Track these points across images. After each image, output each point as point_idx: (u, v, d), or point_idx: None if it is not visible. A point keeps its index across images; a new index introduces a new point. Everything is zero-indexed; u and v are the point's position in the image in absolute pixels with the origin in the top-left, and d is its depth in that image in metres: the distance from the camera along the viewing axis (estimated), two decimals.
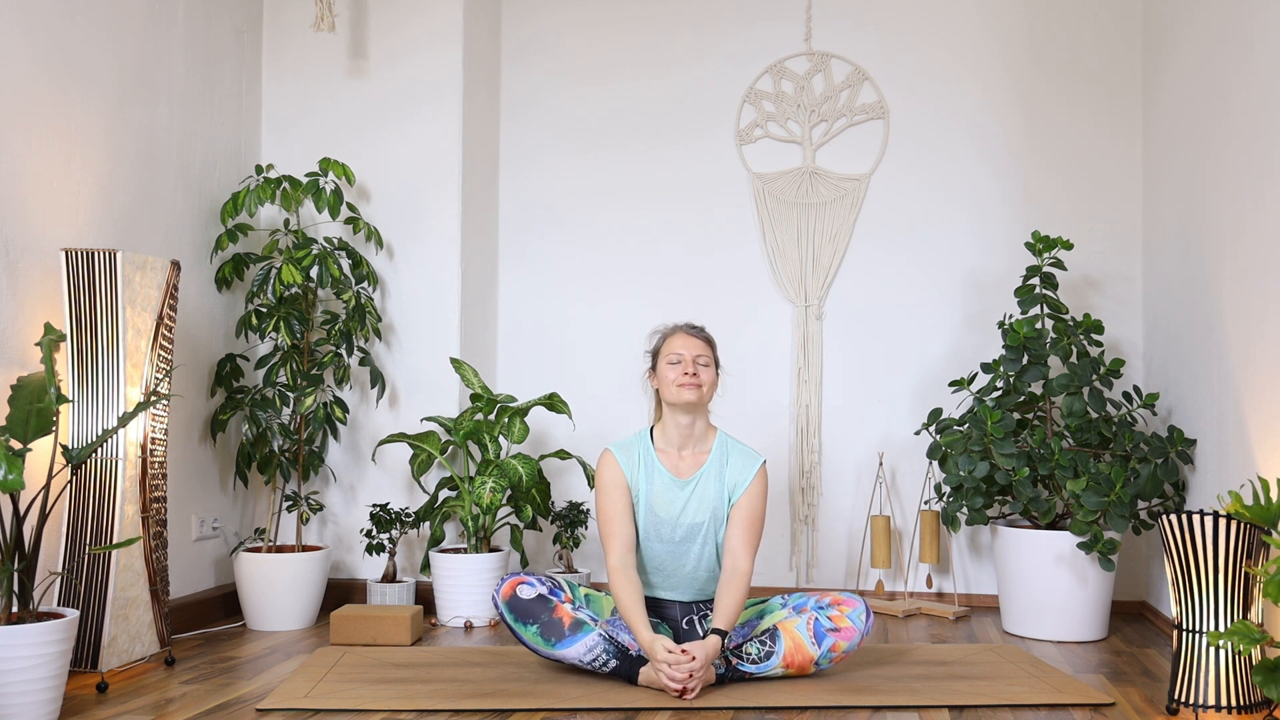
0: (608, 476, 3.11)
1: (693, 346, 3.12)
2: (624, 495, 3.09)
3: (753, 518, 3.08)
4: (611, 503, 3.08)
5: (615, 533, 3.05)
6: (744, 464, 3.13)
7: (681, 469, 3.13)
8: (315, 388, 3.89)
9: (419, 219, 4.23)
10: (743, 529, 3.07)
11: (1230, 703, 2.68)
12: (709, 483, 3.11)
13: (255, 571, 3.76)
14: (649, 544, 3.11)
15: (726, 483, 3.11)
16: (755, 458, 3.15)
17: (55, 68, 3.19)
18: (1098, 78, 4.30)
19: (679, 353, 3.11)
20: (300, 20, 4.30)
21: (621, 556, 3.02)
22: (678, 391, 3.08)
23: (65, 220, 3.21)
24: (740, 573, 3.01)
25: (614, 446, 3.16)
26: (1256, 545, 2.70)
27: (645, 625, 2.91)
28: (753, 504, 3.09)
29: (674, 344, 3.14)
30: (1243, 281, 3.14)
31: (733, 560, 3.04)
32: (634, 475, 3.12)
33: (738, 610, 2.97)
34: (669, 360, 3.12)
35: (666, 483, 3.11)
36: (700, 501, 3.10)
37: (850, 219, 4.40)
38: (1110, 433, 3.76)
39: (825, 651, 3.00)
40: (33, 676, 2.54)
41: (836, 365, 4.40)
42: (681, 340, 3.14)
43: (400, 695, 2.85)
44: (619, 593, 2.96)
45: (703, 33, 4.52)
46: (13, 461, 2.52)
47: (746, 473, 3.12)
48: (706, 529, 3.09)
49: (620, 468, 3.11)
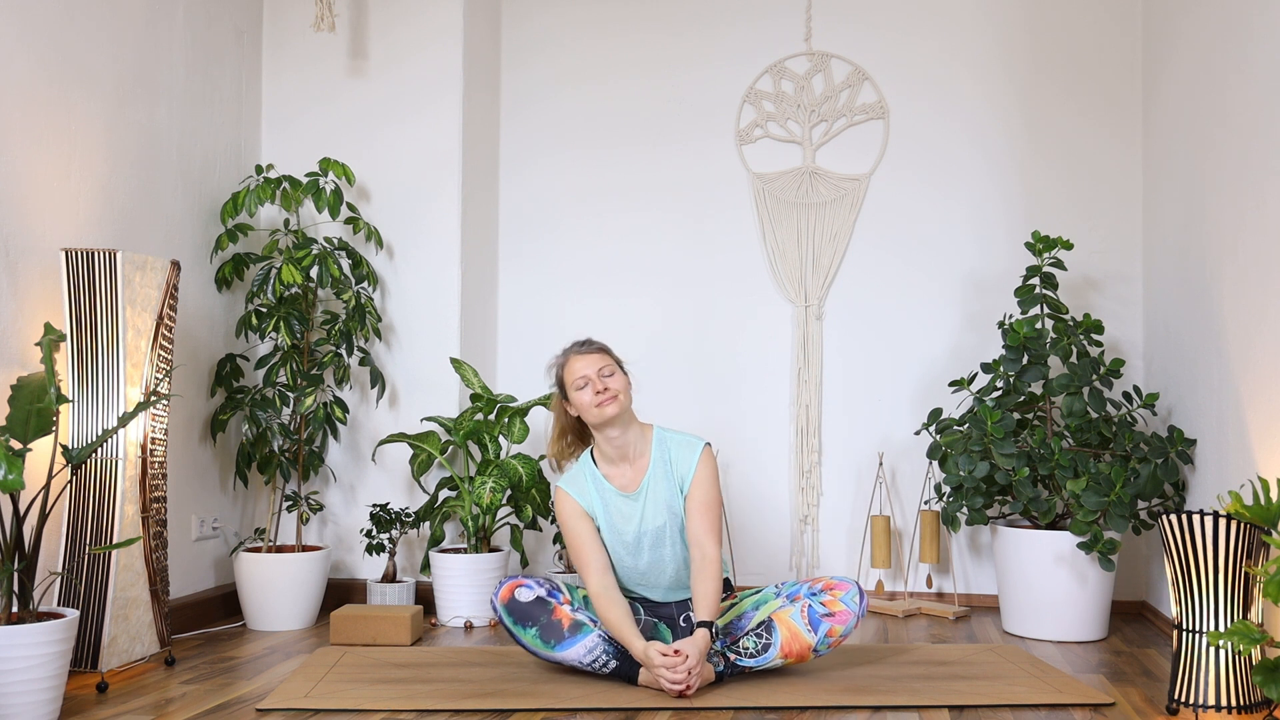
0: (566, 510, 3.12)
1: (592, 362, 3.09)
2: (587, 523, 3.10)
3: (707, 502, 3.08)
4: (577, 533, 3.09)
5: (588, 560, 3.06)
6: (685, 453, 3.12)
7: (628, 483, 3.13)
8: (315, 388, 3.89)
9: (419, 219, 4.23)
10: (700, 516, 3.06)
11: (1230, 703, 2.68)
12: (658, 485, 3.10)
13: (255, 571, 3.76)
14: (622, 562, 3.12)
15: (674, 477, 3.11)
16: (695, 443, 3.14)
17: (55, 68, 3.19)
18: (1098, 78, 4.30)
19: (583, 374, 3.08)
20: (300, 20, 4.30)
21: (599, 580, 3.02)
22: (599, 411, 3.05)
23: (65, 220, 3.21)
24: (709, 559, 3.01)
25: (562, 482, 3.16)
26: (1256, 545, 2.70)
27: (636, 637, 2.91)
28: (703, 489, 3.08)
29: (574, 368, 3.10)
30: (1243, 281, 3.14)
31: (699, 549, 3.03)
32: (589, 502, 3.12)
33: (716, 596, 2.96)
34: (576, 386, 3.08)
35: (619, 500, 3.12)
36: (654, 505, 3.09)
37: (850, 219, 4.40)
38: (1110, 433, 3.76)
39: (822, 637, 3.01)
40: (33, 676, 2.54)
41: (836, 365, 4.40)
42: (579, 361, 3.10)
43: (400, 695, 2.85)
44: (605, 615, 2.97)
45: (703, 32, 4.52)
46: (13, 461, 2.52)
47: (690, 461, 3.11)
48: (669, 529, 3.09)
49: (574, 499, 3.12)
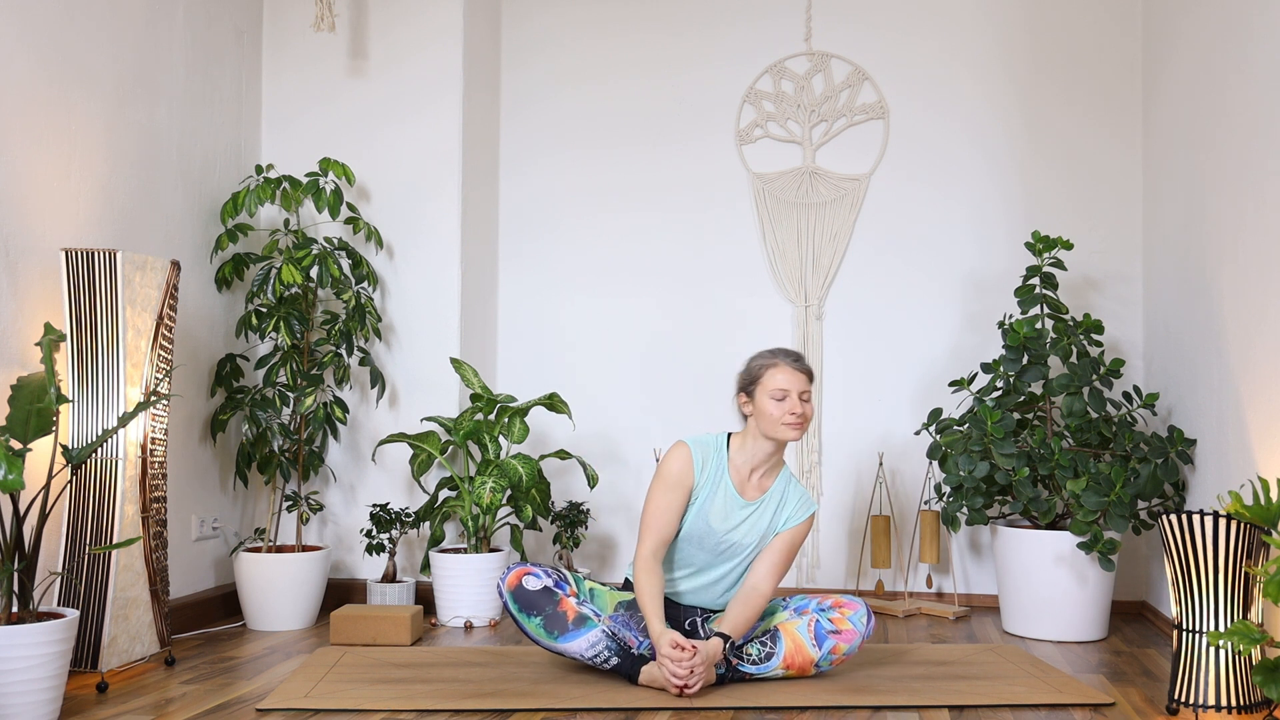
0: (675, 469, 3.04)
1: (798, 382, 3.02)
2: (683, 494, 3.04)
3: (789, 551, 3.07)
4: (667, 496, 3.03)
5: (657, 527, 3.01)
6: (799, 508, 3.10)
7: (747, 490, 3.10)
8: (315, 388, 3.89)
9: (419, 219, 4.23)
10: (775, 556, 3.05)
11: (1230, 703, 2.68)
12: (766, 511, 3.09)
13: (255, 571, 3.76)
14: (687, 546, 3.08)
15: (778, 518, 3.09)
16: (810, 504, 3.13)
17: (55, 68, 3.19)
18: (1098, 78, 4.30)
19: (784, 388, 3.00)
20: (300, 20, 4.30)
21: (654, 549, 3.00)
22: (784, 430, 3.00)
23: (65, 220, 3.21)
24: (760, 593, 3.01)
25: (691, 441, 3.08)
26: (1256, 545, 2.70)
27: (660, 617, 2.91)
28: (794, 539, 3.08)
29: (778, 378, 3.01)
30: (1243, 281, 3.14)
31: (755, 580, 3.03)
32: (701, 477, 3.06)
33: (748, 625, 2.97)
34: (773, 395, 3.00)
35: (729, 497, 3.08)
36: (754, 525, 3.08)
37: (850, 219, 4.40)
38: (1110, 433, 3.76)
39: (826, 653, 3.01)
40: (33, 676, 2.54)
41: (836, 365, 4.40)
42: (787, 375, 3.02)
43: (400, 695, 2.85)
44: (642, 582, 2.95)
45: (703, 33, 4.52)
46: (13, 461, 2.52)
47: (800, 514, 3.10)
48: (748, 553, 3.08)
49: (692, 465, 3.05)
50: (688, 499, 3.05)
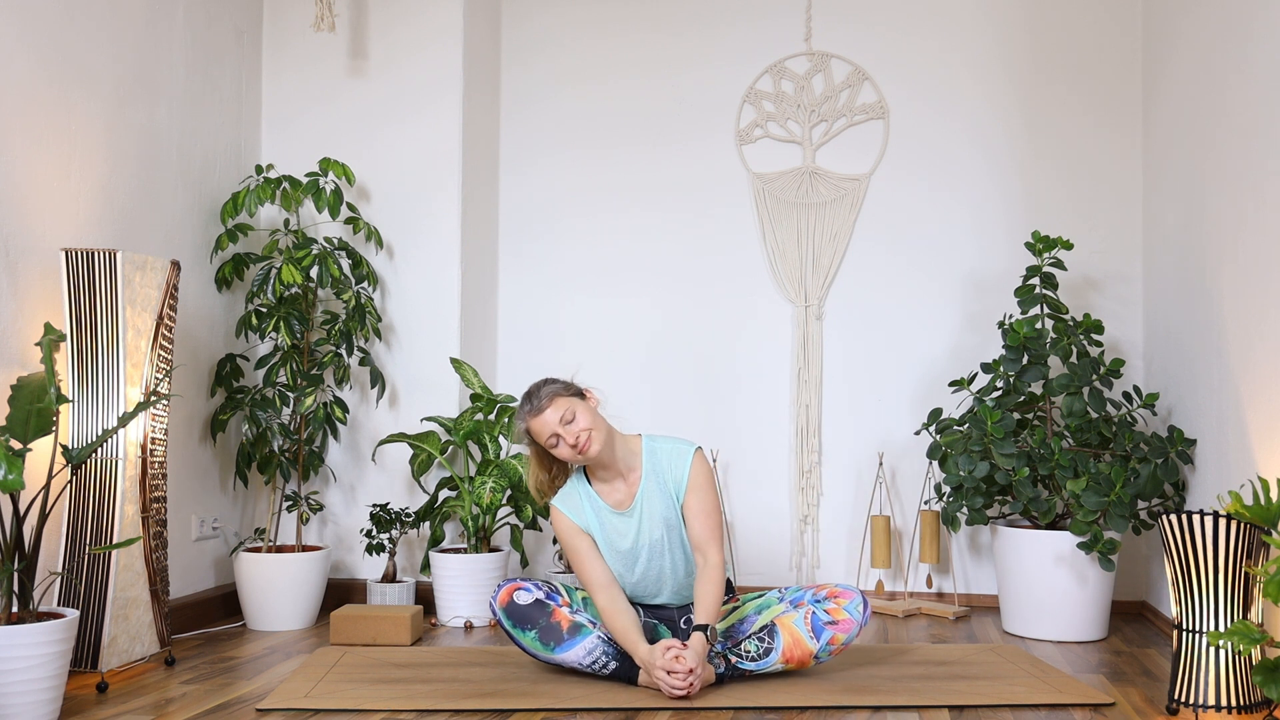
0: (564, 528, 3.07)
1: (548, 419, 2.95)
2: (585, 539, 3.06)
3: (705, 508, 3.04)
4: (577, 550, 3.05)
5: (593, 578, 3.02)
6: (676, 461, 3.07)
7: (621, 499, 3.08)
8: (315, 388, 3.89)
9: (419, 219, 4.23)
10: (699, 521, 3.03)
11: (1230, 703, 2.68)
12: (651, 500, 3.06)
13: (255, 571, 3.76)
14: (623, 575, 3.08)
15: (668, 487, 3.06)
16: (685, 449, 3.08)
17: (55, 68, 3.19)
18: (1098, 78, 4.30)
19: (549, 434, 2.97)
20: (300, 20, 4.30)
21: (607, 596, 2.99)
22: (584, 457, 2.98)
23: (65, 220, 3.21)
24: (712, 565, 2.99)
25: (556, 501, 3.09)
26: (1256, 545, 2.70)
27: (641, 642, 2.91)
28: (699, 495, 3.04)
29: (537, 430, 2.98)
30: (1243, 281, 3.14)
31: (701, 555, 3.02)
32: (584, 520, 3.07)
33: (717, 602, 2.96)
34: (549, 445, 2.99)
35: (613, 517, 3.08)
36: (650, 521, 3.05)
37: (850, 219, 4.40)
38: (1110, 433, 3.76)
39: (824, 645, 3.01)
40: (33, 676, 2.54)
41: (836, 365, 4.40)
42: (536, 423, 2.98)
43: (400, 695, 2.85)
44: (613, 626, 2.96)
45: (703, 32, 4.52)
46: (13, 461, 2.52)
47: (682, 468, 3.06)
48: (667, 540, 3.05)
49: (569, 517, 3.07)
50: (592, 539, 3.07)
